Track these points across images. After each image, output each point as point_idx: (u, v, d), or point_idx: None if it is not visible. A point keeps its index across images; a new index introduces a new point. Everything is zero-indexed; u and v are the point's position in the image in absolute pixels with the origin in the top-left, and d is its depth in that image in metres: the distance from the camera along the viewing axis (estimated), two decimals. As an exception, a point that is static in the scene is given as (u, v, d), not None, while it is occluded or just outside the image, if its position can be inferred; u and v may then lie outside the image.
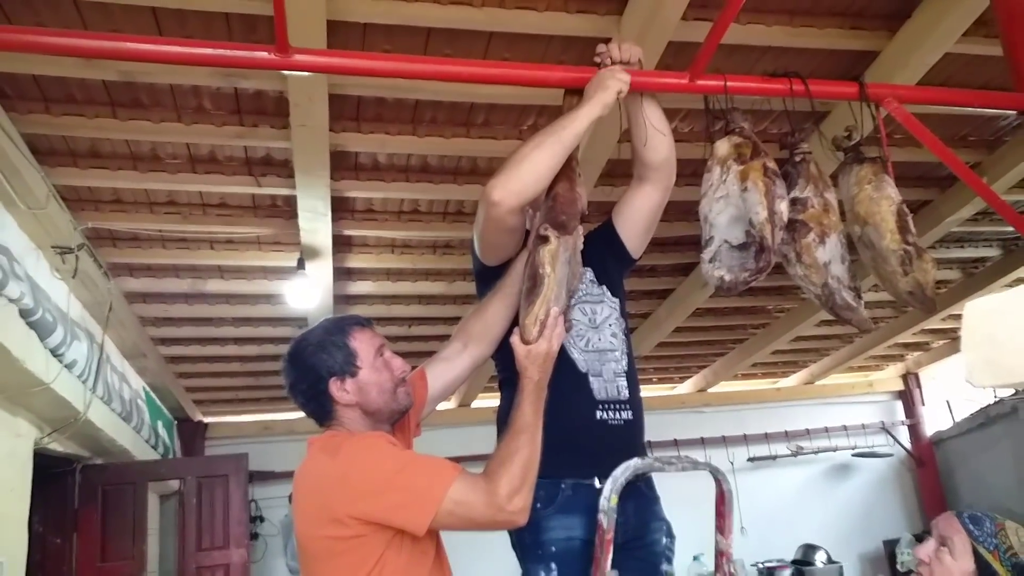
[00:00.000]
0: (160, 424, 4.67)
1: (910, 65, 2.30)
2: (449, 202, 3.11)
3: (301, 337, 1.43)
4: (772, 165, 1.58)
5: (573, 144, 1.51)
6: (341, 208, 3.02)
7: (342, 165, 2.77)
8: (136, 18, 2.02)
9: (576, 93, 1.63)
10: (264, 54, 1.47)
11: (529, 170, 1.45)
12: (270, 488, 5.09)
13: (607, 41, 1.64)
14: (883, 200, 1.67)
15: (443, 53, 2.21)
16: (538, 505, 1.48)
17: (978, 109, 2.52)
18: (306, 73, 1.92)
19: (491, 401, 4.72)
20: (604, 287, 1.72)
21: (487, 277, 1.67)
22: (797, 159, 1.73)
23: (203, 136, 2.51)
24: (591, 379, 1.59)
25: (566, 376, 1.55)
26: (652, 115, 1.65)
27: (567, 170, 1.53)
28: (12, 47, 1.47)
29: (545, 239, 1.40)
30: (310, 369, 1.38)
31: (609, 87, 1.52)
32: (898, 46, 2.32)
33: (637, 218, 1.74)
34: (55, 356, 2.79)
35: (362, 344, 1.40)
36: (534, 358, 1.36)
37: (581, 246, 1.48)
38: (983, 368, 1.24)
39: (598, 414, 1.56)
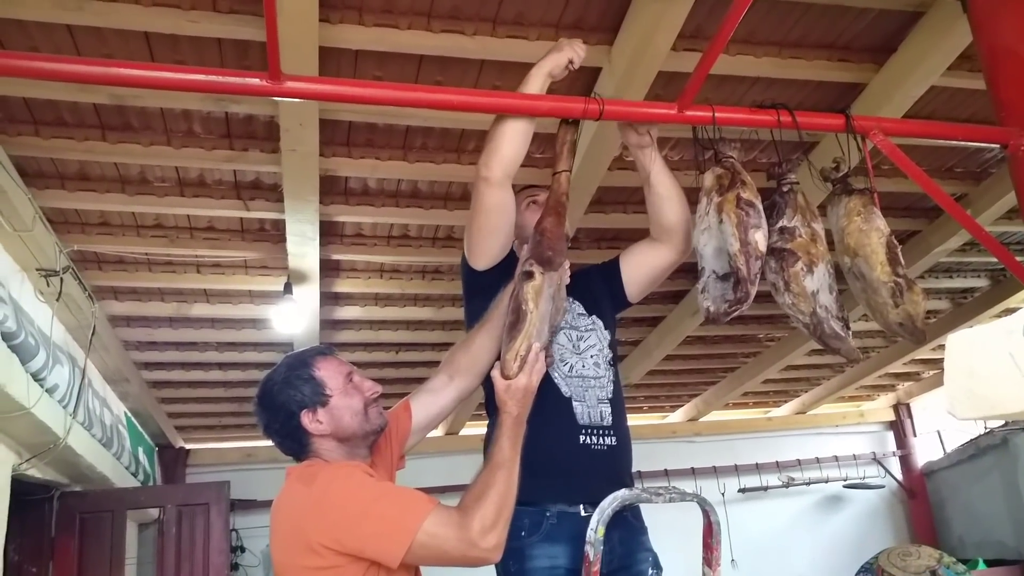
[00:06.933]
0: (141, 450, 4.58)
1: (896, 98, 2.33)
2: (439, 227, 3.11)
3: (266, 378, 1.42)
4: (747, 195, 1.58)
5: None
6: (330, 232, 3.01)
7: (332, 190, 2.77)
8: (129, 43, 2.02)
9: (571, 124, 1.63)
10: (256, 81, 1.46)
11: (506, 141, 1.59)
12: (252, 517, 4.97)
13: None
14: (873, 232, 1.67)
15: (435, 80, 2.23)
16: (523, 533, 1.47)
17: (963, 142, 2.55)
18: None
19: (479, 429, 4.65)
20: (595, 317, 1.73)
21: (475, 290, 1.68)
22: (785, 189, 1.73)
23: (192, 160, 2.51)
24: (574, 404, 1.59)
25: (549, 401, 1.56)
26: (661, 182, 1.68)
27: (556, 205, 1.53)
28: (5, 72, 1.45)
29: (530, 275, 1.40)
30: (280, 407, 1.37)
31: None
32: (884, 79, 2.36)
33: (643, 269, 1.79)
34: (36, 380, 2.73)
35: (328, 372, 1.39)
36: (513, 393, 1.36)
37: (567, 281, 1.49)
38: (964, 400, 1.23)
39: (581, 438, 1.57)
